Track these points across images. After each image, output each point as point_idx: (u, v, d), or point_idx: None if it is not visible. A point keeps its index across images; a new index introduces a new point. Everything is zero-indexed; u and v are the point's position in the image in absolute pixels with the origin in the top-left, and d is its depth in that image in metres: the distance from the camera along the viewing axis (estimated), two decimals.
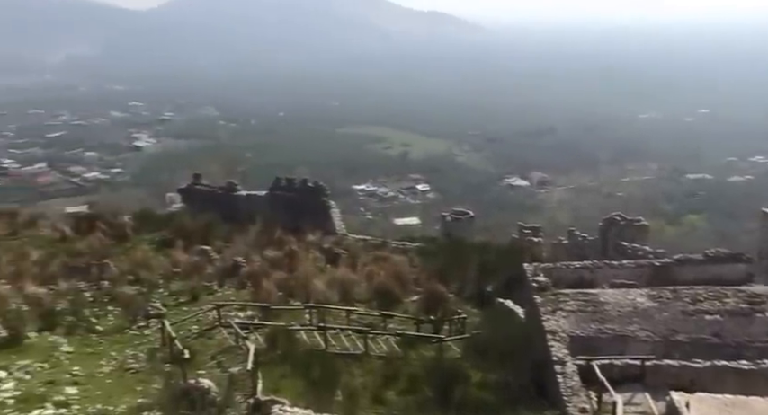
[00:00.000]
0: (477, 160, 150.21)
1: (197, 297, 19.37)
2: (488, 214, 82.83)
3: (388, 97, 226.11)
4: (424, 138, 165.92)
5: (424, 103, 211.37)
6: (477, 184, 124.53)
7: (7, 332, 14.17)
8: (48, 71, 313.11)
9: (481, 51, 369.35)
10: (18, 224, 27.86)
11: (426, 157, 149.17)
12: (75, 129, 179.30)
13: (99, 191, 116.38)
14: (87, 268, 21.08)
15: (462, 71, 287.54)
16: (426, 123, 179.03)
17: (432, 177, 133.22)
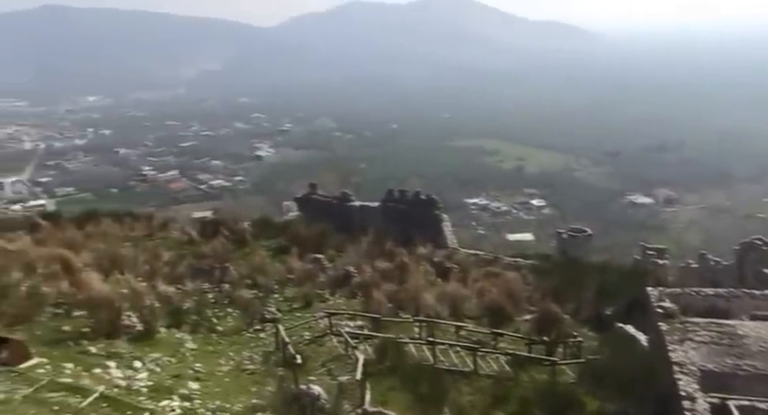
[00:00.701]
0: (596, 175, 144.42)
1: (310, 304, 19.96)
2: (608, 232, 79.48)
3: (502, 109, 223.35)
4: (540, 152, 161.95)
5: (539, 116, 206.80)
6: (595, 201, 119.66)
7: (142, 326, 15.29)
8: (182, 86, 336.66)
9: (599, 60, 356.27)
10: (153, 226, 30.14)
11: (542, 171, 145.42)
12: (204, 139, 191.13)
13: (222, 198, 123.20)
14: (211, 270, 22.35)
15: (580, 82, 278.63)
16: (542, 136, 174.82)
17: (547, 192, 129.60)
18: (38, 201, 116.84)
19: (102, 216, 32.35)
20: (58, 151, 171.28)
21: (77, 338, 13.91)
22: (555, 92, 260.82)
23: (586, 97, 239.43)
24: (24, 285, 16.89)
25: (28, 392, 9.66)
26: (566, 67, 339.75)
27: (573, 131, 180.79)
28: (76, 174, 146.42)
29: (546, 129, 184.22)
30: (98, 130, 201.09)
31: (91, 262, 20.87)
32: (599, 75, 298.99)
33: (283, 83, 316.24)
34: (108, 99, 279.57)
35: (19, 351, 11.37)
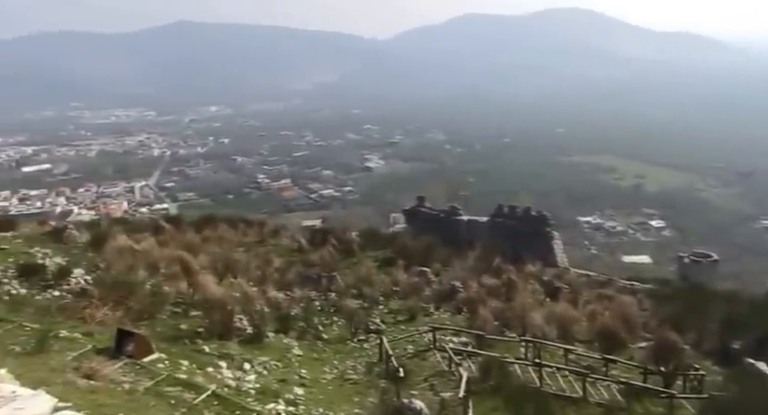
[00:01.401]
0: (724, 196, 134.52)
1: (414, 317, 19.87)
2: (737, 259, 73.85)
3: (622, 125, 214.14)
4: (661, 170, 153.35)
5: (662, 132, 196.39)
6: (723, 224, 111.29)
7: (252, 330, 15.82)
8: (298, 97, 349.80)
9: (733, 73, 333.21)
10: (265, 232, 31.35)
11: (662, 191, 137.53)
12: (316, 150, 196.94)
13: (332, 207, 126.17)
14: (318, 278, 22.85)
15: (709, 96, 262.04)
16: (663, 153, 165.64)
17: (668, 213, 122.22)
18: (162, 205, 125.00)
19: (218, 221, 34.10)
20: (181, 158, 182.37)
21: (193, 337, 14.59)
22: (681, 107, 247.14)
23: (716, 113, 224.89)
24: (148, 283, 18.00)
25: (149, 385, 10.19)
26: (694, 81, 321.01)
27: (698, 149, 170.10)
28: (197, 180, 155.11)
29: (669, 146, 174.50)
30: (218, 139, 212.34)
31: (207, 265, 21.92)
32: (732, 88, 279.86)
33: (396, 96, 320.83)
34: (228, 109, 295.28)
35: (142, 346, 12.05)
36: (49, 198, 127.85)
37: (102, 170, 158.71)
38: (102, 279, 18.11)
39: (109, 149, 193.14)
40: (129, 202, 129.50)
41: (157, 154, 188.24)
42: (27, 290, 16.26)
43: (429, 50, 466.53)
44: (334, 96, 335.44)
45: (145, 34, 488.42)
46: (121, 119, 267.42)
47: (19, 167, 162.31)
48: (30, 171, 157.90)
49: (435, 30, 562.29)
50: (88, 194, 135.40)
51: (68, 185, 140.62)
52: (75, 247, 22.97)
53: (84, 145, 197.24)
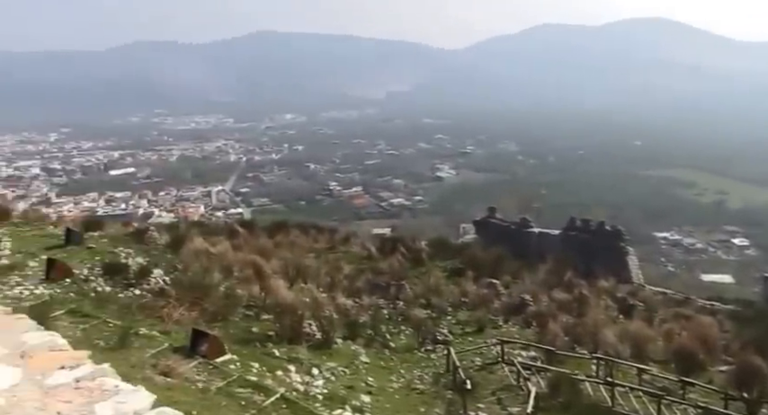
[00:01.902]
0: None
1: (482, 329, 19.63)
2: None
3: (703, 138, 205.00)
4: (745, 186, 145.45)
5: (747, 147, 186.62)
6: None
7: (321, 335, 16.05)
8: (371, 106, 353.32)
9: None
10: (336, 239, 31.75)
11: (746, 208, 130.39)
12: (388, 158, 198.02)
13: (401, 216, 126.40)
14: (387, 286, 22.92)
15: None
16: (749, 169, 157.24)
17: (752, 231, 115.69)
18: (237, 209, 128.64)
19: (290, 226, 34.82)
20: (256, 164, 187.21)
21: (264, 340, 14.92)
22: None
23: None
24: (222, 286, 18.55)
25: (221, 385, 10.50)
26: None
27: None
28: (271, 186, 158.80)
29: (755, 162, 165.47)
30: (292, 146, 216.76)
31: (279, 270, 22.38)
32: None
33: (468, 106, 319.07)
34: (303, 117, 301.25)
35: (215, 346, 12.44)
36: (132, 201, 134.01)
37: (181, 174, 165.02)
38: (179, 280, 18.80)
39: (188, 154, 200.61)
40: (205, 206, 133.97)
41: (234, 160, 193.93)
42: (111, 288, 17.07)
43: (503, 60, 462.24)
44: (407, 105, 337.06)
45: (226, 44, 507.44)
46: (201, 126, 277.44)
47: (107, 170, 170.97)
48: (116, 174, 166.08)
49: (510, 40, 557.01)
50: (168, 197, 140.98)
51: (150, 188, 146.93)
52: (156, 248, 23.92)
53: (166, 150, 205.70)
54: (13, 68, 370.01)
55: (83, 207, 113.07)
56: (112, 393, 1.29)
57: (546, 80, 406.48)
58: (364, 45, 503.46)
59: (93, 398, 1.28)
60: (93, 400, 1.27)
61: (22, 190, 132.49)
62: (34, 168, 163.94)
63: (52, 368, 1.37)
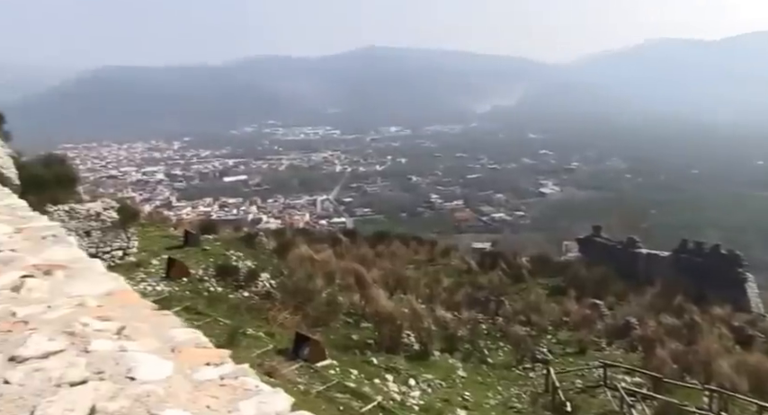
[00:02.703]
0: None
1: (584, 351, 18.95)
2: None
3: None
4: None
5: None
6: None
7: (419, 347, 16.12)
8: (475, 120, 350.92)
9: None
10: (436, 252, 31.76)
11: None
12: (490, 173, 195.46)
13: (502, 231, 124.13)
14: (486, 301, 22.66)
15: None
16: None
17: None
18: (340, 219, 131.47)
19: (392, 237, 35.21)
20: (360, 175, 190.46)
21: (363, 347, 15.18)
22: None
23: None
24: (325, 292, 19.07)
25: (321, 389, 10.80)
26: None
27: None
28: (373, 197, 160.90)
29: None
30: (396, 158, 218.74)
31: (379, 279, 22.70)
32: None
33: (574, 121, 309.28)
34: (407, 130, 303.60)
35: (317, 351, 12.81)
36: (243, 207, 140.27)
37: (289, 183, 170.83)
38: (284, 284, 19.52)
39: (297, 164, 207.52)
40: (310, 214, 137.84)
41: (339, 171, 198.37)
42: (222, 288, 18.01)
43: (614, 76, 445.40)
44: (511, 119, 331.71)
45: (338, 58, 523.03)
46: (310, 137, 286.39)
47: (221, 177, 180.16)
48: (230, 181, 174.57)
49: (623, 54, 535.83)
50: (276, 204, 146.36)
51: (260, 195, 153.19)
52: (264, 253, 24.96)
53: (276, 159, 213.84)
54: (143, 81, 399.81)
55: (199, 211, 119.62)
56: (254, 393, 1.41)
57: (658, 95, 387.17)
58: (472, 60, 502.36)
59: (237, 396, 1.40)
60: (237, 397, 1.40)
61: (148, 194, 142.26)
62: (159, 173, 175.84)
63: (199, 364, 1.51)
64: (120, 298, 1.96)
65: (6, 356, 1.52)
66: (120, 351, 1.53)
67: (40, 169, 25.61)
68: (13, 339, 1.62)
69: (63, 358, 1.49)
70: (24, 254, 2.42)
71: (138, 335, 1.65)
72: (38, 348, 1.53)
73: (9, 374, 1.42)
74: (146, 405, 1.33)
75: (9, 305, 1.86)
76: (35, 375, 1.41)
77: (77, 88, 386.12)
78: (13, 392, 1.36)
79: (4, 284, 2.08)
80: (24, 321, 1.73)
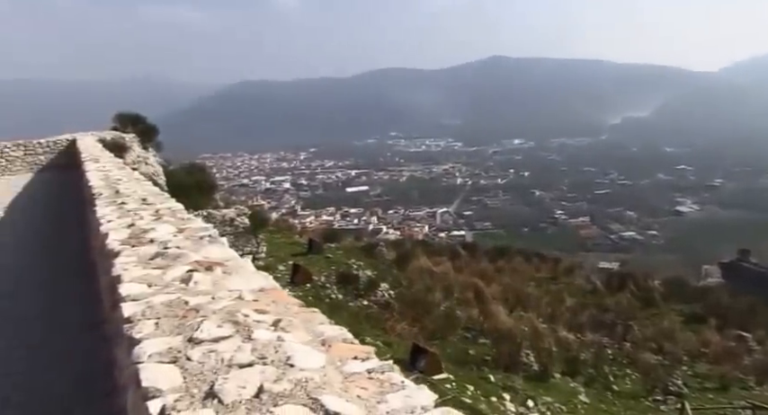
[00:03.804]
0: None
1: (726, 388, 17.47)
2: None
3: None
4: None
5: None
6: None
7: (538, 367, 15.70)
8: (604, 132, 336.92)
9: None
10: (558, 270, 30.80)
11: None
12: (620, 188, 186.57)
13: (632, 251, 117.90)
14: (612, 325, 21.61)
15: None
16: None
17: None
18: (459, 232, 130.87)
19: (512, 252, 34.62)
20: (481, 188, 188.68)
21: (480, 363, 15.02)
22: None
23: None
24: (443, 305, 19.10)
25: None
26: None
27: None
28: (494, 211, 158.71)
29: None
30: (518, 172, 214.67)
31: (498, 295, 22.39)
32: None
33: (719, 135, 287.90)
34: (531, 142, 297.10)
35: (434, 363, 12.86)
36: (364, 217, 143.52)
37: (409, 194, 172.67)
38: (403, 295, 19.78)
39: (417, 175, 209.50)
40: (429, 226, 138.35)
41: (459, 183, 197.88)
42: (343, 296, 18.57)
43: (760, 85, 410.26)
44: (645, 132, 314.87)
45: (461, 69, 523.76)
46: (431, 149, 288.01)
47: (344, 187, 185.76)
48: (352, 191, 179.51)
49: None
50: (396, 215, 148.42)
51: (380, 206, 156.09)
52: (383, 263, 25.44)
53: (397, 170, 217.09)
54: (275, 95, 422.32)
55: (321, 220, 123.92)
56: (399, 388, 1.52)
57: None
58: (604, 69, 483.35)
59: (385, 389, 1.51)
60: (385, 390, 1.50)
61: (275, 202, 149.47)
62: (286, 183, 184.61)
63: (348, 357, 1.64)
64: (272, 295, 2.16)
65: (185, 337, 1.73)
66: (278, 341, 1.70)
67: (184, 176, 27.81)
68: (188, 323, 1.84)
69: (231, 343, 1.68)
70: (188, 251, 2.71)
71: (292, 328, 1.81)
72: (210, 333, 1.75)
73: (190, 352, 1.63)
74: (305, 389, 1.48)
75: (181, 295, 2.11)
76: (210, 356, 1.61)
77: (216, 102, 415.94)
78: (194, 367, 1.56)
79: (175, 276, 2.35)
80: (195, 309, 1.96)
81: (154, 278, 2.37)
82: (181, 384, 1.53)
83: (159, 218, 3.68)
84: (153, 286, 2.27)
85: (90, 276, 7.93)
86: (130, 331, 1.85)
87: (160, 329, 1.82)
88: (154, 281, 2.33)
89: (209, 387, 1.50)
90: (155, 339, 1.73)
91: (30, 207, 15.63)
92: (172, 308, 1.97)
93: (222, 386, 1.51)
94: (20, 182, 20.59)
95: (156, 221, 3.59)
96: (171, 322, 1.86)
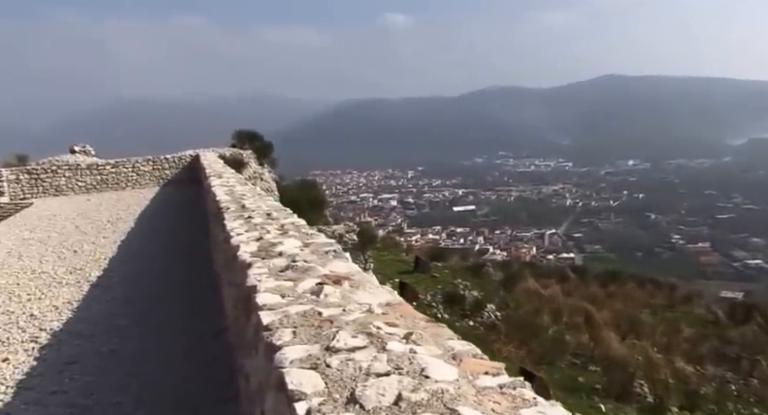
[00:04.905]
0: None
1: None
2: None
3: None
4: None
5: None
6: None
7: (653, 399, 14.89)
8: (729, 153, 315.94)
9: None
10: (675, 297, 29.09)
11: None
12: (745, 213, 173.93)
13: (758, 281, 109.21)
14: (737, 359, 20.09)
15: None
16: None
17: None
18: (568, 254, 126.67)
19: (625, 277, 33.12)
20: (592, 209, 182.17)
21: (589, 392, 14.47)
22: None
23: None
24: (551, 329, 18.58)
25: None
26: None
27: None
28: (605, 233, 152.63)
29: None
30: (632, 193, 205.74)
31: (609, 321, 21.49)
32: None
33: None
34: (646, 163, 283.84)
35: (541, 389, 12.51)
36: (470, 236, 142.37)
37: (517, 215, 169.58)
38: (510, 317, 19.44)
39: (526, 196, 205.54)
40: (537, 248, 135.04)
41: (569, 204, 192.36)
42: (449, 316, 18.51)
43: None
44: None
45: (571, 88, 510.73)
46: (540, 169, 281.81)
47: (451, 206, 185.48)
48: (458, 210, 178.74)
49: None
50: (502, 236, 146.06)
51: (487, 226, 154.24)
52: (490, 284, 25.14)
53: (505, 190, 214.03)
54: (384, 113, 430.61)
55: (427, 239, 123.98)
56: (532, 404, 1.55)
57: None
58: (728, 87, 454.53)
59: (517, 404, 1.55)
60: (518, 405, 1.54)
61: (382, 219, 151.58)
62: (393, 200, 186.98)
63: (479, 372, 1.69)
64: (399, 309, 2.25)
65: (322, 346, 1.86)
66: (411, 353, 1.78)
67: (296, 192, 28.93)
68: (324, 333, 1.97)
69: (367, 353, 1.78)
70: (315, 265, 2.87)
71: (422, 341, 1.89)
72: (346, 343, 1.86)
73: (329, 360, 1.75)
74: (441, 400, 1.55)
75: (314, 306, 2.25)
76: (349, 364, 1.71)
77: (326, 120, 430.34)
78: (334, 374, 1.68)
79: (305, 288, 2.51)
80: (329, 320, 2.08)
81: (286, 289, 2.54)
82: (323, 388, 1.63)
83: (285, 233, 3.90)
84: (286, 297, 2.43)
85: (212, 286, 8.47)
86: (270, 337, 2.00)
87: (298, 337, 1.95)
88: (286, 292, 2.49)
89: (350, 393, 1.60)
90: (294, 347, 1.86)
91: (158, 219, 16.87)
92: (307, 318, 2.11)
93: (363, 393, 1.60)
94: (149, 195, 22.31)
95: (282, 235, 3.81)
96: (308, 331, 1.99)
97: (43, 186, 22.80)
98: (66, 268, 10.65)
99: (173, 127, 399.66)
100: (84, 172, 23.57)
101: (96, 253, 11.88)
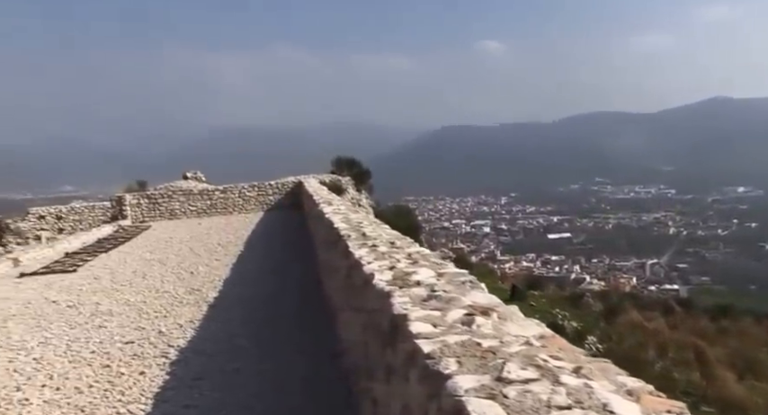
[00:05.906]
0: None
1: None
2: None
3: None
4: None
5: None
6: None
7: None
8: None
9: None
10: None
11: None
12: None
13: None
14: None
15: None
16: None
17: None
18: (672, 286, 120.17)
19: (738, 312, 31.09)
20: (698, 239, 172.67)
21: None
22: None
23: None
24: (657, 365, 17.66)
25: None
26: None
27: None
28: (713, 264, 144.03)
29: None
30: (743, 222, 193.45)
31: (723, 359, 20.19)
32: None
33: None
34: (759, 190, 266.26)
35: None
36: (566, 265, 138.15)
37: (615, 243, 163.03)
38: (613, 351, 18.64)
39: (625, 223, 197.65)
40: (638, 278, 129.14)
41: (672, 233, 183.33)
42: None
43: None
44: None
45: (675, 112, 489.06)
46: (640, 195, 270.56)
47: (545, 233, 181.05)
48: (553, 238, 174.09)
49: None
50: (600, 265, 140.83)
51: (583, 254, 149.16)
52: (590, 314, 24.31)
53: (602, 218, 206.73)
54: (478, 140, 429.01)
55: (521, 267, 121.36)
56: None
57: None
58: None
59: None
60: None
61: (475, 246, 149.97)
62: (486, 227, 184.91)
63: (660, 410, 1.71)
64: (555, 342, 2.29)
65: (493, 377, 1.93)
66: (586, 387, 1.82)
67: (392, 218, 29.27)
68: (490, 364, 2.04)
69: (543, 386, 1.84)
70: (457, 295, 2.96)
71: (593, 376, 1.93)
72: (518, 374, 1.92)
73: (504, 390, 1.82)
74: None
75: (470, 337, 2.33)
76: (527, 396, 1.77)
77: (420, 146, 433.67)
78: (514, 405, 1.74)
79: (455, 319, 2.60)
80: (491, 351, 2.16)
81: (435, 318, 2.63)
82: None
83: (415, 262, 4.02)
84: (438, 327, 2.52)
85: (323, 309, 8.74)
86: (436, 366, 2.09)
87: (465, 367, 2.03)
88: (437, 322, 2.59)
89: None
90: (463, 376, 1.95)
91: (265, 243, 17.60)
92: (467, 348, 2.18)
93: None
94: (254, 219, 23.33)
95: (413, 264, 3.93)
96: (473, 362, 2.06)
97: (160, 210, 24.40)
98: (186, 288, 11.33)
99: (272, 153, 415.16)
100: (196, 197, 25.02)
101: (211, 275, 12.56)
